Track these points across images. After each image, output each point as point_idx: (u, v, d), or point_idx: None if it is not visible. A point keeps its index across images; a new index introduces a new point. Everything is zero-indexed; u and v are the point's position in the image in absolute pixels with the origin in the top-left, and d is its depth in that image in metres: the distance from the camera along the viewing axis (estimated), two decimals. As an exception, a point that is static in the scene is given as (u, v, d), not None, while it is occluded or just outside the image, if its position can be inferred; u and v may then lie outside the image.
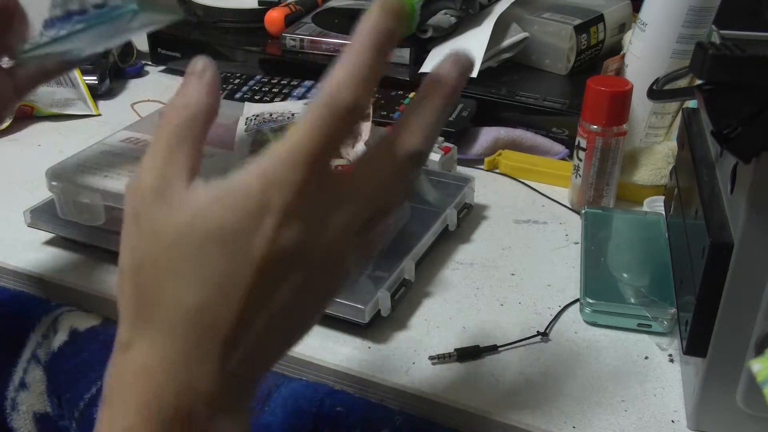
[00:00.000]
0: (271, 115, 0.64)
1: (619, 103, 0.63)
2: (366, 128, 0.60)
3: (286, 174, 0.31)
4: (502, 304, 0.56)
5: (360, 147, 0.52)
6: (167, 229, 0.32)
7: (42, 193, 0.60)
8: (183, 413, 0.31)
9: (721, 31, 0.43)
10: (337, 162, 0.34)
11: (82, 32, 0.46)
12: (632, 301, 0.53)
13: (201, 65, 0.35)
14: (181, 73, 0.97)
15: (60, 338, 0.55)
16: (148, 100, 0.87)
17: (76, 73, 0.88)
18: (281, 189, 0.31)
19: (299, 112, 0.63)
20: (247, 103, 0.70)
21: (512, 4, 0.85)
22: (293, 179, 0.31)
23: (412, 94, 0.79)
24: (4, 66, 0.52)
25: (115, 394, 0.32)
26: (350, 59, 0.32)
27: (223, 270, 0.31)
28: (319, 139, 0.32)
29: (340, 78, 0.32)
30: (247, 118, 0.64)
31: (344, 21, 0.92)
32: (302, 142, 0.32)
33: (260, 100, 0.80)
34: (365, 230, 0.34)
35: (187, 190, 0.32)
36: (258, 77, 0.85)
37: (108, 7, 0.44)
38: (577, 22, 0.83)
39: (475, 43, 0.81)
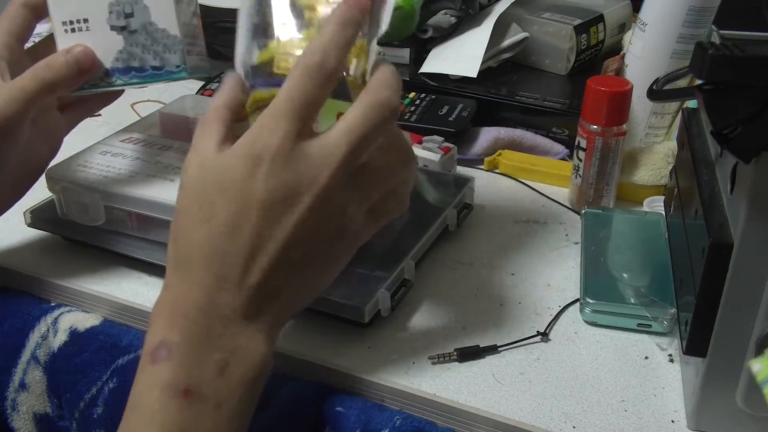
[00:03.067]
0: None
1: (619, 103, 0.63)
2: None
3: (271, 125, 0.39)
4: (502, 304, 0.56)
5: None
6: (190, 182, 0.41)
7: (42, 193, 0.60)
8: (203, 327, 0.39)
9: (721, 31, 0.43)
10: None
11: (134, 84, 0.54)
12: (632, 301, 0.53)
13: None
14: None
15: (60, 338, 0.55)
16: (148, 101, 0.87)
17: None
18: (270, 138, 0.39)
19: None
20: None
21: (512, 4, 0.85)
22: (278, 127, 0.39)
23: (412, 94, 0.79)
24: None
25: (153, 320, 0.40)
26: (323, 33, 0.40)
27: (227, 211, 0.39)
28: (297, 96, 0.39)
29: (311, 46, 0.40)
30: None
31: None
32: (283, 100, 0.39)
33: (260, 100, 0.80)
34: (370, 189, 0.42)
35: (212, 155, 0.40)
36: (258, 77, 0.85)
37: (164, 70, 0.53)
38: (577, 22, 0.83)
39: (475, 43, 0.81)
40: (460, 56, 0.81)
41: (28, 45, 0.57)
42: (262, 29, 0.45)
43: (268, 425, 0.48)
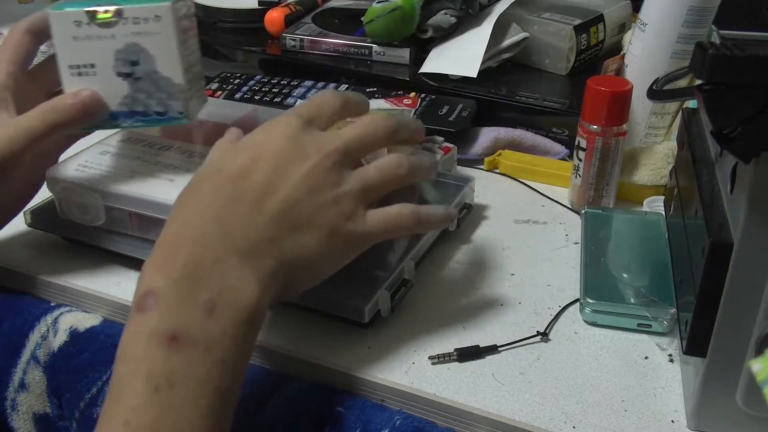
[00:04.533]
0: None
1: (619, 103, 0.63)
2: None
3: (286, 114, 0.47)
4: (502, 304, 0.56)
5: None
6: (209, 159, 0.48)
7: (42, 193, 0.60)
8: (190, 265, 0.40)
9: (721, 31, 0.43)
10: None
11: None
12: (632, 301, 0.53)
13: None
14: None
15: (60, 338, 0.55)
16: (148, 100, 0.87)
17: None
18: (285, 117, 0.46)
19: None
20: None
21: (512, 4, 0.85)
22: (292, 113, 0.46)
23: (412, 94, 0.79)
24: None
25: (143, 270, 0.41)
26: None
27: (242, 160, 0.44)
28: (300, 110, 0.47)
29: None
30: None
31: (344, 21, 0.92)
32: (302, 105, 0.48)
33: (260, 101, 0.80)
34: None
35: None
36: (258, 77, 0.85)
37: (167, 116, 0.55)
38: (577, 22, 0.83)
39: (475, 43, 0.81)
40: (460, 56, 0.81)
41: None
42: None
43: (268, 425, 0.48)
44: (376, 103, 0.64)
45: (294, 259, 0.43)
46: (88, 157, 0.60)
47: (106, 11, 0.52)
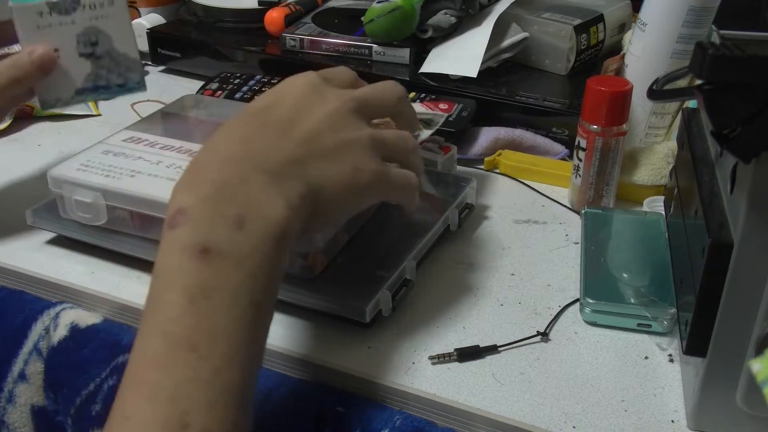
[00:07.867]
0: None
1: (619, 103, 0.63)
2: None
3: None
4: (502, 304, 0.56)
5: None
6: None
7: (43, 192, 0.60)
8: (218, 182, 0.41)
9: (721, 31, 0.43)
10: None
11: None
12: (632, 301, 0.53)
13: None
14: (181, 73, 0.97)
15: (60, 333, 0.55)
16: (148, 100, 0.87)
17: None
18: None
19: None
20: None
21: (512, 4, 0.85)
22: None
23: (412, 94, 0.79)
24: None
25: (173, 190, 0.42)
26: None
27: (267, 98, 0.46)
28: (319, 72, 0.49)
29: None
30: None
31: (344, 21, 0.92)
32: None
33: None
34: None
35: None
36: (258, 77, 0.85)
37: (127, 86, 0.64)
38: (577, 22, 0.83)
39: (475, 43, 0.81)
40: (460, 56, 0.81)
41: None
42: None
43: (268, 425, 0.48)
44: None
45: (320, 187, 0.44)
46: (89, 156, 0.60)
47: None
